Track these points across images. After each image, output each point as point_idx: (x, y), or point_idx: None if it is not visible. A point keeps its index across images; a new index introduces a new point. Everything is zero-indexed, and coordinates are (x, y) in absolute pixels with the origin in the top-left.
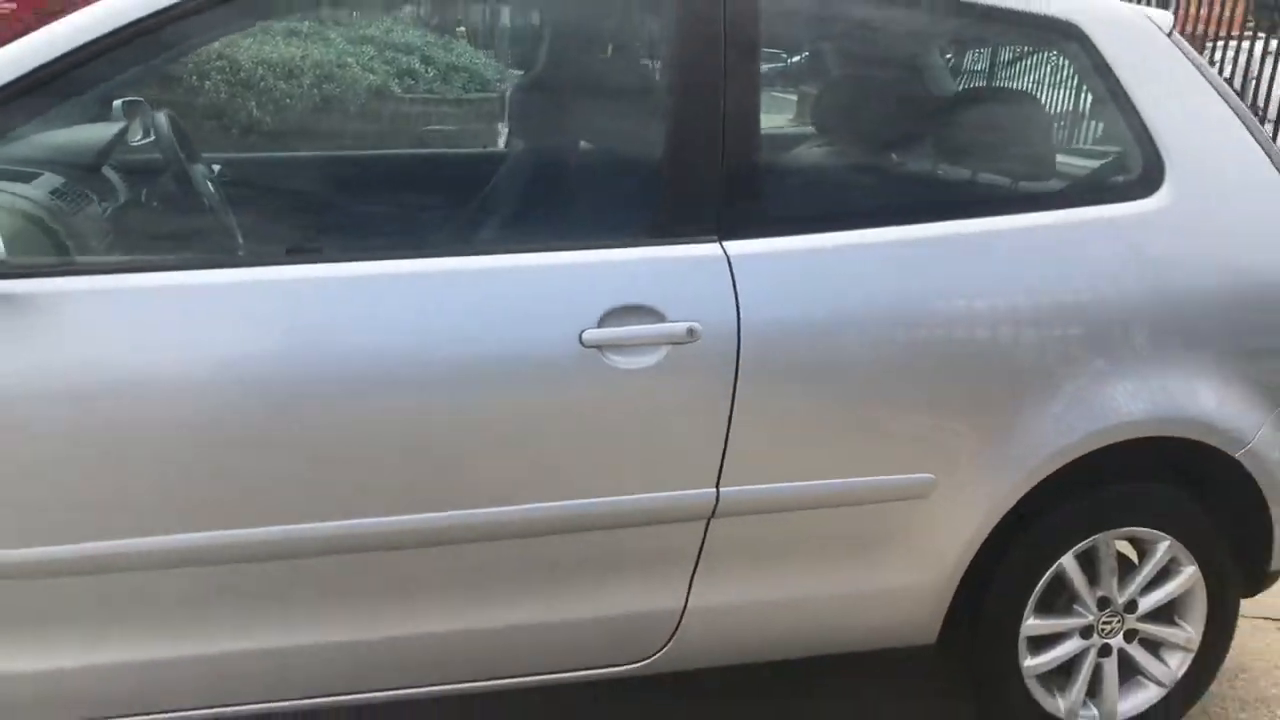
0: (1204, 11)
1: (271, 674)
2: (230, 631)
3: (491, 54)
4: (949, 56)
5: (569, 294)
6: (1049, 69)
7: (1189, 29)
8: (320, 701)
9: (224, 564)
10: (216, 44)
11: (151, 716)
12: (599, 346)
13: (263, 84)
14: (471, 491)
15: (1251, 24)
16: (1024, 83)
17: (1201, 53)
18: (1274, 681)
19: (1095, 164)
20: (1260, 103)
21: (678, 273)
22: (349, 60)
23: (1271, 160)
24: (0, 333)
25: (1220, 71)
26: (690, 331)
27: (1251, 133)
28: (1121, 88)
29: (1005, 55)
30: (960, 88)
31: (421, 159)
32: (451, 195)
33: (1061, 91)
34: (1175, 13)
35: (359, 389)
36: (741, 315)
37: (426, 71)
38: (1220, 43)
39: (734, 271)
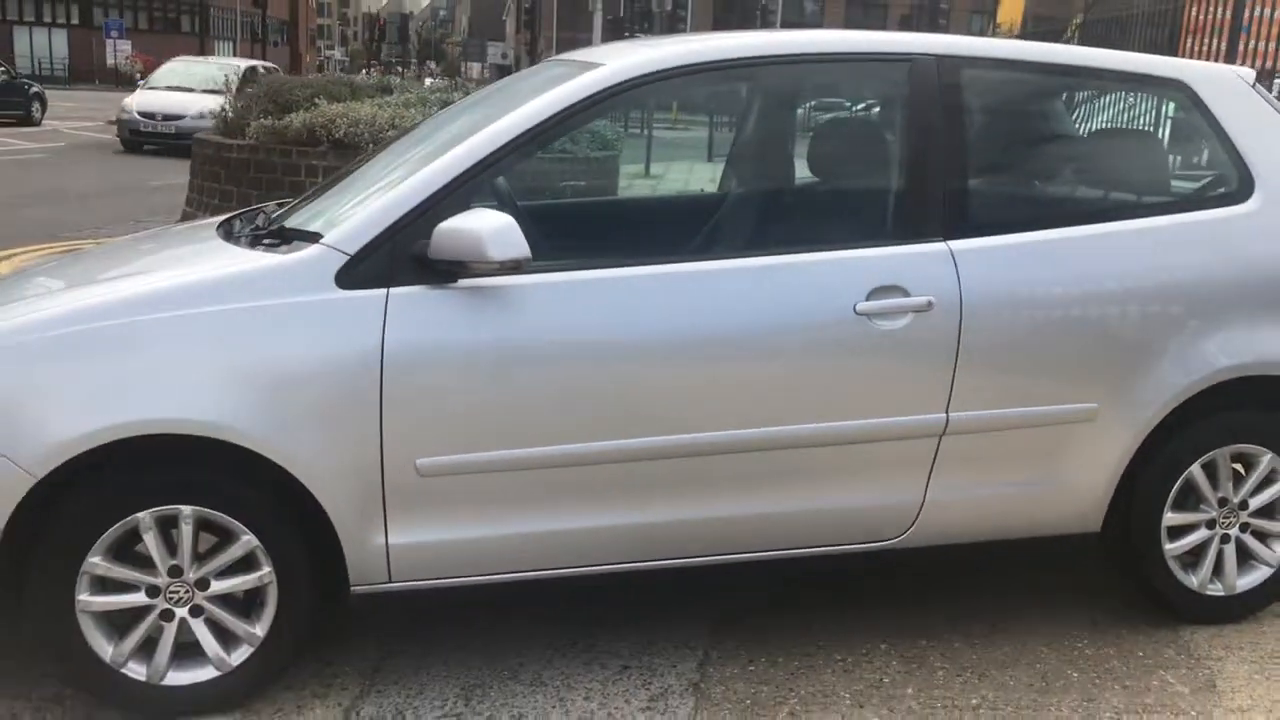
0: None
1: (697, 537)
2: (678, 504)
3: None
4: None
5: (849, 277)
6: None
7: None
8: (675, 563)
9: (622, 462)
10: None
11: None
12: (867, 314)
13: None
14: (784, 415)
15: None
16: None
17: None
18: None
19: (1202, 182)
20: None
21: (919, 263)
22: None
23: None
24: (539, 306)
25: None
26: (929, 303)
27: None
28: (1220, 125)
29: (1138, 101)
30: (1106, 126)
31: (753, 194)
32: (770, 210)
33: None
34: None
35: (712, 348)
36: (963, 291)
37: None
38: None
39: (956, 261)
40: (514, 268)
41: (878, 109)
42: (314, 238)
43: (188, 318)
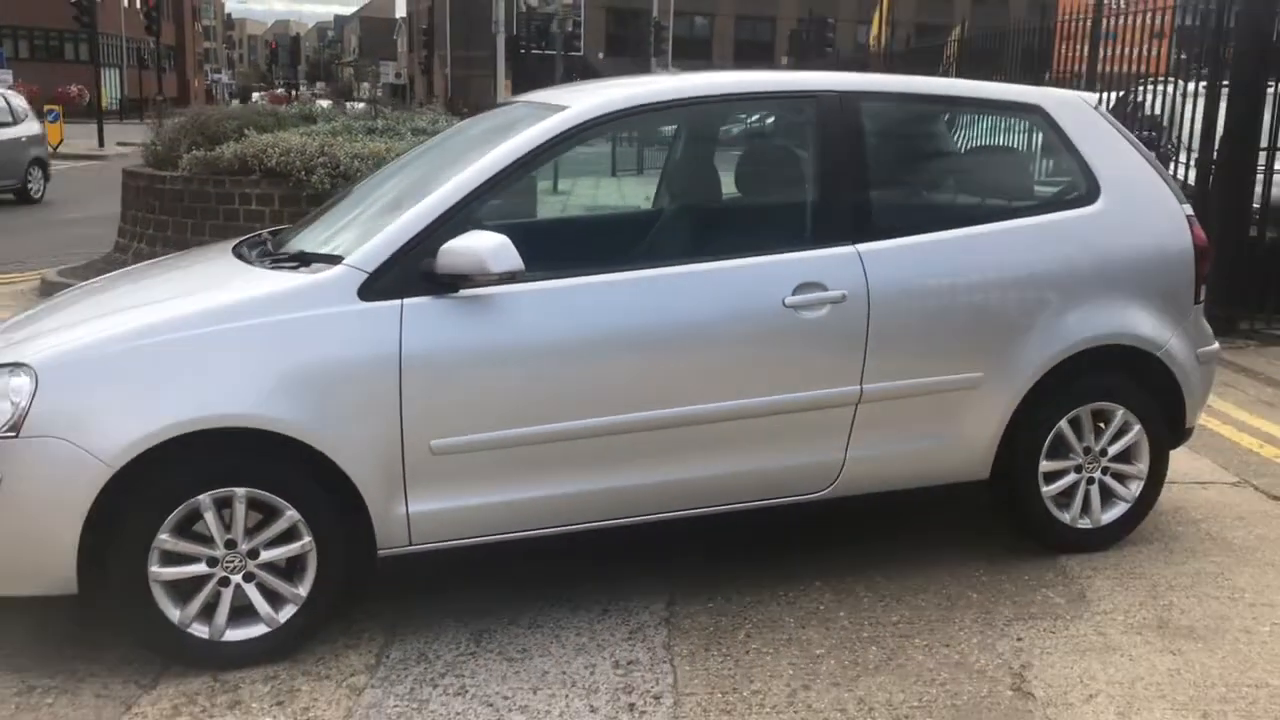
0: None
1: (656, 495)
2: (657, 469)
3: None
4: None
5: (777, 277)
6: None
7: (1123, 69)
8: (643, 519)
9: (595, 437)
10: None
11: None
12: (794, 306)
13: None
14: (729, 392)
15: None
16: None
17: (1132, 92)
18: (1198, 512)
19: (1058, 188)
20: (1179, 134)
21: (833, 263)
22: None
23: (1162, 179)
24: (526, 310)
25: (1148, 107)
26: (843, 296)
27: (1148, 162)
28: (1070, 141)
29: (999, 123)
30: (974, 145)
31: (691, 209)
32: (709, 226)
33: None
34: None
35: (666, 338)
36: (869, 284)
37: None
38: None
39: (863, 261)
40: (510, 279)
41: (793, 137)
42: (336, 260)
43: (239, 329)
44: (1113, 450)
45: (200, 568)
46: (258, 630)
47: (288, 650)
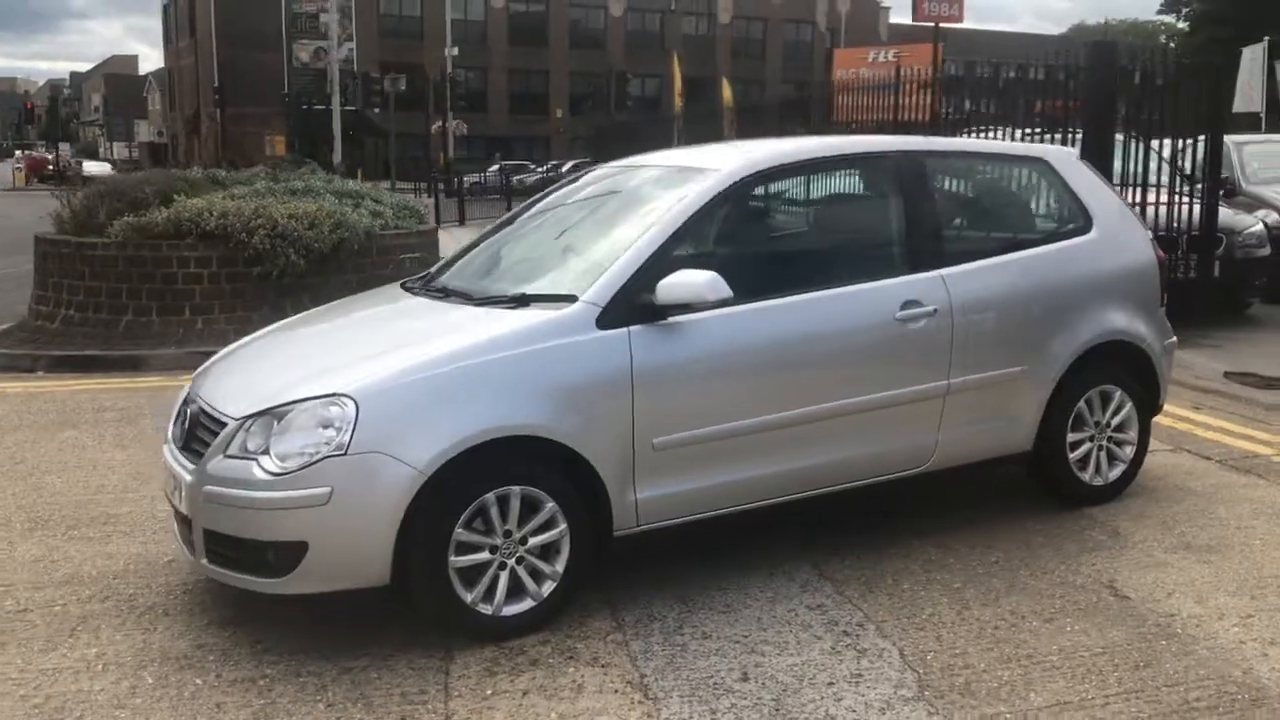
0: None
1: (809, 476)
2: (812, 454)
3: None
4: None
5: (889, 298)
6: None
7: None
8: (815, 492)
9: (796, 425)
10: None
11: (771, 501)
12: (901, 320)
13: None
14: (863, 388)
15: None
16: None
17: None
18: (1158, 471)
19: (1063, 223)
20: None
21: (926, 285)
22: None
23: (1130, 211)
24: (715, 330)
25: None
26: (935, 310)
27: (1119, 198)
28: (1068, 185)
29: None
30: (1010, 189)
31: (824, 246)
32: (837, 258)
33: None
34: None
35: (817, 344)
36: (951, 301)
37: None
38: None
39: (946, 282)
40: (721, 305)
41: (884, 187)
42: (571, 299)
43: (511, 357)
44: (1114, 423)
45: (484, 555)
46: (525, 605)
47: (547, 621)
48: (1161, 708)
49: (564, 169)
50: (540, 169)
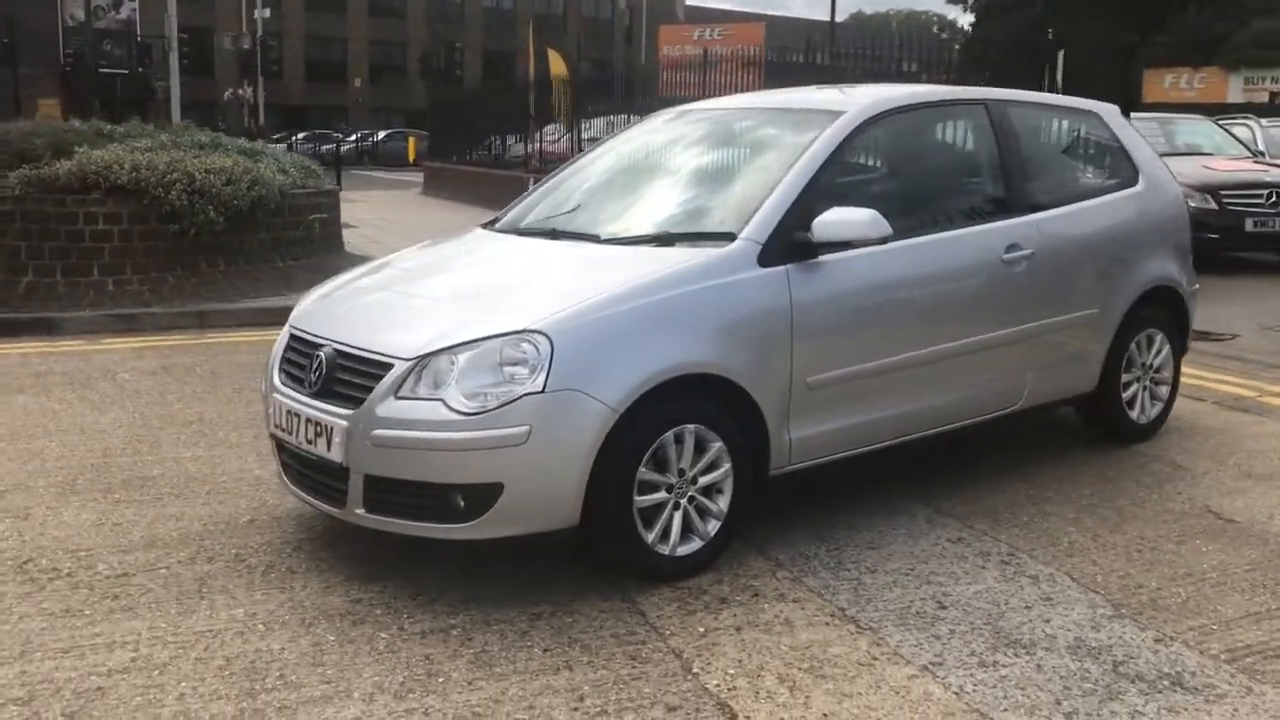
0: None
1: (930, 415)
2: (932, 393)
3: None
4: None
5: (997, 240)
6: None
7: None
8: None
9: (926, 365)
10: None
11: (901, 439)
12: (1005, 261)
13: None
14: (976, 327)
15: None
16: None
17: None
18: (1190, 414)
19: (1113, 174)
20: None
21: (1023, 229)
22: None
23: (1166, 166)
24: (855, 268)
25: None
26: (1031, 254)
27: (1156, 153)
28: (1118, 138)
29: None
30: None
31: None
32: (953, 200)
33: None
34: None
35: (941, 284)
36: (1043, 245)
37: None
38: None
39: (1039, 227)
40: (882, 242)
41: (981, 134)
42: (730, 237)
43: (684, 295)
44: (1154, 363)
45: (662, 495)
46: (695, 545)
47: (712, 561)
48: None
49: (379, 138)
50: (350, 139)
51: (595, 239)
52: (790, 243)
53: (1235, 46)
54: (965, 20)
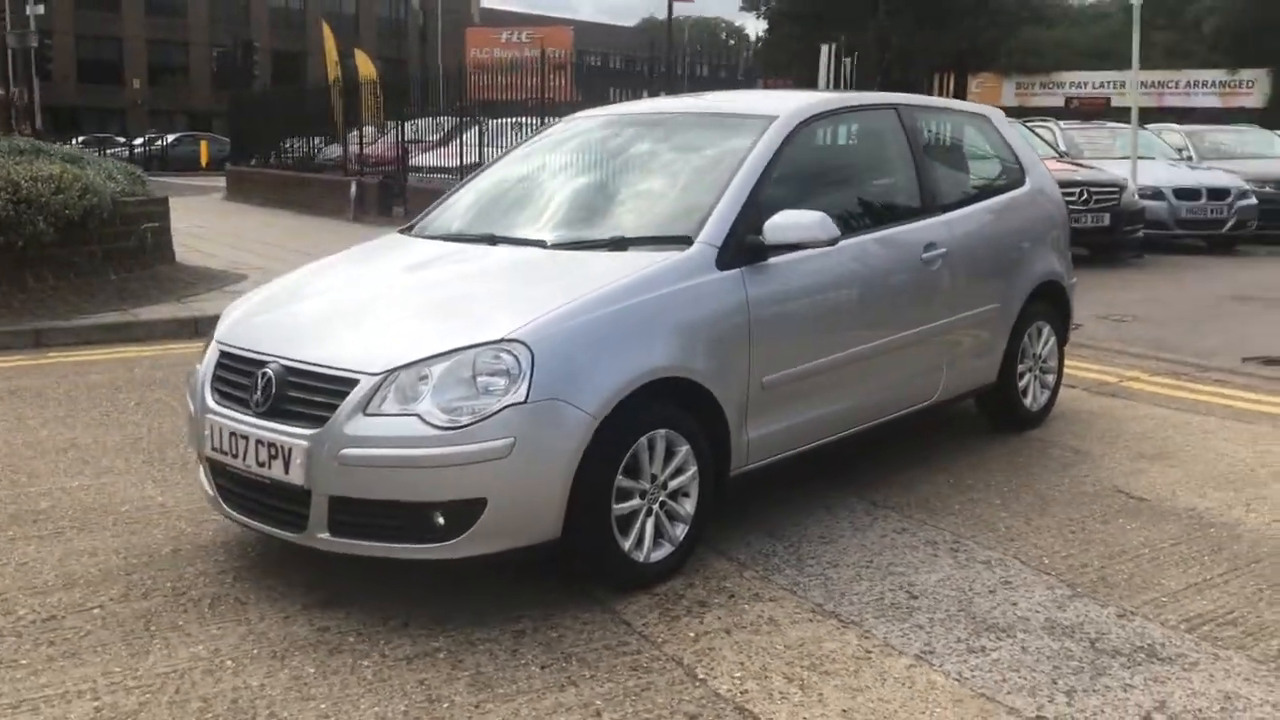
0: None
1: (864, 411)
2: (867, 390)
3: None
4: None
5: (918, 239)
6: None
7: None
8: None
9: (865, 360)
10: None
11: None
12: (924, 260)
13: None
14: (903, 323)
15: None
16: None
17: None
18: (1064, 401)
19: (1005, 175)
20: None
21: (938, 229)
22: None
23: (1044, 167)
24: (799, 267)
25: None
26: (945, 252)
27: (1036, 153)
28: (1006, 140)
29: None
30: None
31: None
32: (877, 202)
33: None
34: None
35: (876, 282)
36: (953, 244)
37: None
38: None
39: (949, 226)
40: (831, 243)
41: (894, 136)
42: (686, 241)
43: (650, 300)
44: (1043, 354)
45: (636, 501)
46: (665, 550)
47: (681, 565)
48: (1267, 580)
49: (168, 141)
50: (136, 143)
51: (541, 244)
52: (743, 245)
53: (1007, 52)
54: (754, 27)
